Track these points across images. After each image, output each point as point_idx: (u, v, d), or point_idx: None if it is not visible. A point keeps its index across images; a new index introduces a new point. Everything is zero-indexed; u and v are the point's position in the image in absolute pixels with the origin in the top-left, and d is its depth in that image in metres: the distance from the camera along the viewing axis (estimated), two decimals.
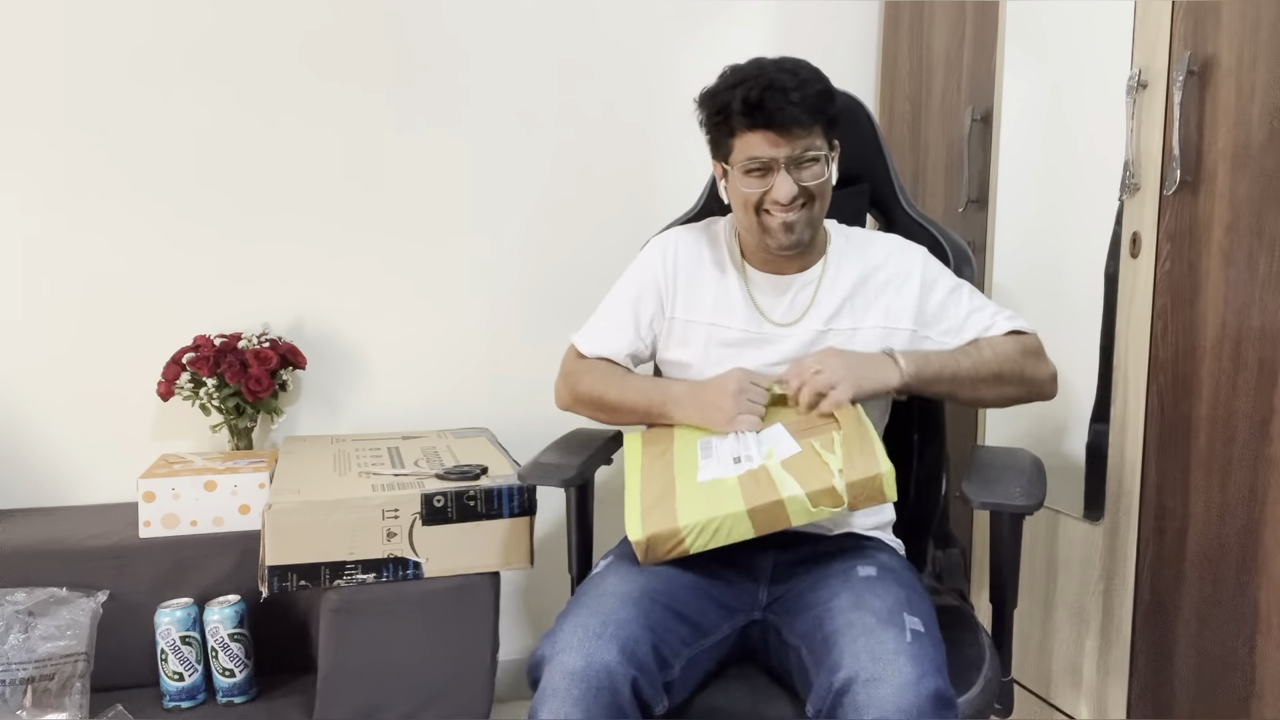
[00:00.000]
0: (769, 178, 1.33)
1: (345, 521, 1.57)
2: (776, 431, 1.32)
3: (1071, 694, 1.73)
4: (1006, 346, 1.41)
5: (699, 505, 1.25)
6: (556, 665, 1.13)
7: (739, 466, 1.28)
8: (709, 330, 1.45)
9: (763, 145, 1.32)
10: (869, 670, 1.08)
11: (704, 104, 1.37)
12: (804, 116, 1.30)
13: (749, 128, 1.32)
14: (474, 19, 2.12)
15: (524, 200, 2.18)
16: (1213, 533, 1.44)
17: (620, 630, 1.15)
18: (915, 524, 1.55)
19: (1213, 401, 1.44)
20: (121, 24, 1.94)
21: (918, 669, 1.08)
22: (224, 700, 1.70)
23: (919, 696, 1.06)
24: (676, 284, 1.48)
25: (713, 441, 1.34)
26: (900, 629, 1.14)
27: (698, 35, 2.23)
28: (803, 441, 1.28)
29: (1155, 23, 1.51)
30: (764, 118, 1.30)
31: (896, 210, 1.61)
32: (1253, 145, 1.37)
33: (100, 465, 2.00)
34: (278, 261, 2.06)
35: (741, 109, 1.30)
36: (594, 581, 1.28)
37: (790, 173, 1.33)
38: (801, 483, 1.23)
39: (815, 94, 1.31)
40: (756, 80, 1.29)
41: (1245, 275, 1.38)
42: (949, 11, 2.05)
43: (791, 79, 1.30)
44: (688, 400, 1.39)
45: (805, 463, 1.25)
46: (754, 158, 1.33)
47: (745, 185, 1.35)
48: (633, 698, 1.13)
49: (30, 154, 1.92)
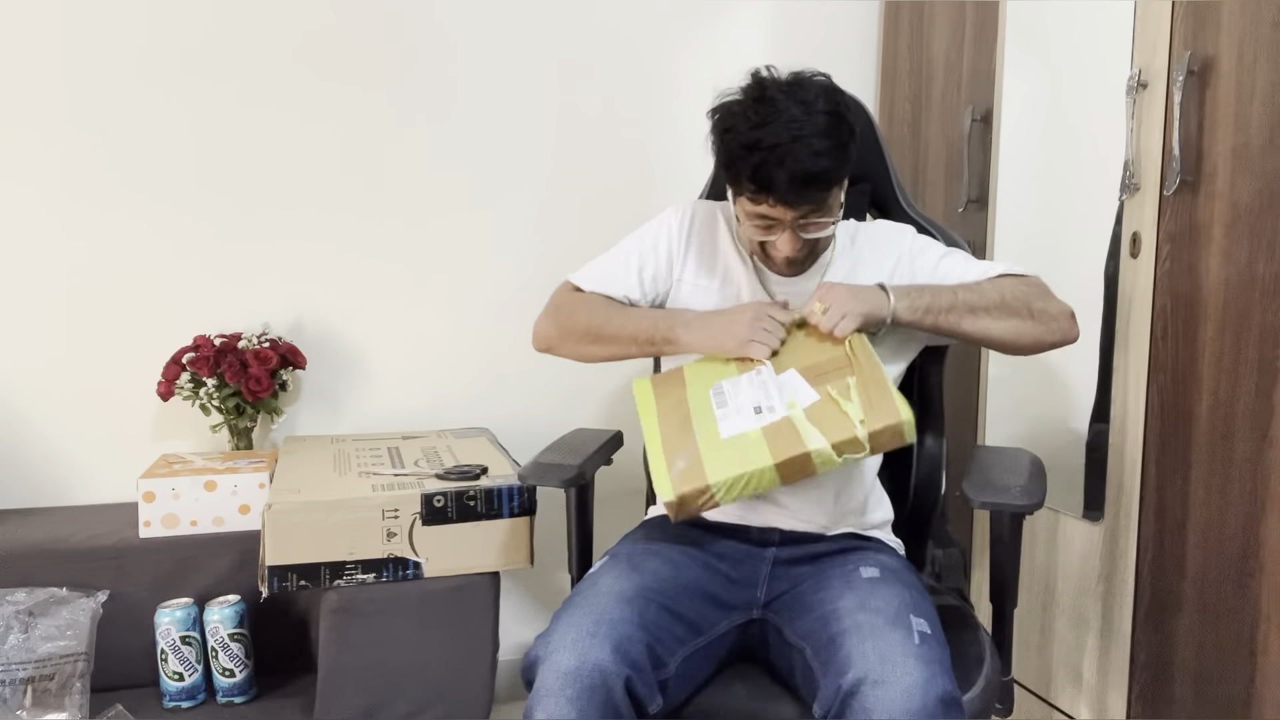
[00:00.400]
0: (774, 232, 1.32)
1: (345, 521, 1.57)
2: (792, 379, 1.30)
3: (1071, 694, 1.73)
4: (1007, 282, 1.38)
5: (727, 461, 1.24)
6: (550, 665, 1.13)
7: (760, 418, 1.27)
8: (719, 299, 1.44)
9: (769, 208, 1.29)
10: (877, 672, 1.08)
11: (714, 138, 1.30)
12: (812, 192, 1.26)
13: (755, 195, 1.28)
14: (473, 19, 2.12)
15: (524, 200, 2.18)
16: (1213, 533, 1.44)
17: (614, 630, 1.15)
18: (915, 524, 1.55)
19: (1213, 401, 1.44)
20: (121, 24, 1.94)
21: (926, 671, 1.08)
22: (224, 700, 1.70)
23: (927, 698, 1.06)
24: (689, 248, 1.47)
25: (725, 387, 1.32)
26: (908, 630, 1.14)
27: (698, 35, 2.23)
28: (820, 389, 1.28)
29: (1155, 23, 1.51)
30: (771, 192, 1.26)
31: (896, 210, 1.61)
32: (1253, 145, 1.36)
33: (100, 465, 2.00)
34: (277, 261, 2.06)
35: (749, 180, 1.25)
36: (589, 581, 1.28)
37: (796, 231, 1.31)
38: (825, 433, 1.23)
39: (825, 169, 1.24)
40: (768, 153, 1.22)
41: (1245, 275, 1.38)
42: (949, 11, 2.05)
43: (803, 150, 1.22)
44: (698, 325, 1.36)
45: (826, 411, 1.25)
46: (759, 214, 1.30)
47: (750, 232, 1.35)
48: (626, 696, 1.13)
49: (30, 154, 1.92)
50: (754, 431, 1.26)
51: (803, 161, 1.22)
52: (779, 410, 1.27)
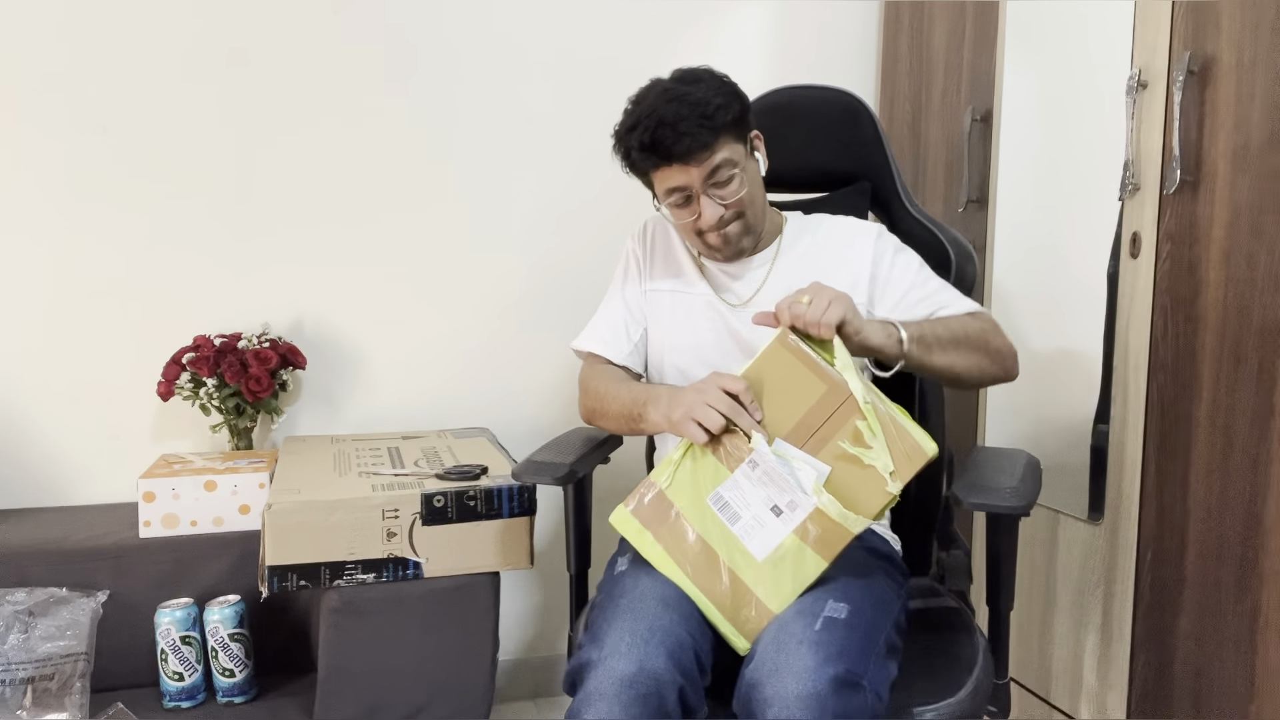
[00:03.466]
0: (693, 204, 1.37)
1: (345, 521, 1.57)
2: (791, 453, 1.20)
3: (1071, 694, 1.73)
4: (963, 319, 1.37)
5: (781, 584, 1.18)
6: (605, 670, 1.11)
7: (786, 519, 1.18)
8: (673, 298, 1.50)
9: (675, 176, 1.35)
10: (773, 662, 1.10)
11: (615, 152, 1.40)
12: (699, 143, 1.31)
13: (655, 166, 1.35)
14: (472, 20, 2.11)
15: (524, 200, 2.18)
16: (1213, 532, 1.44)
17: (667, 636, 1.14)
18: (916, 524, 1.55)
19: (1213, 401, 1.44)
20: (122, 24, 1.94)
21: (818, 656, 1.08)
22: (224, 700, 1.70)
23: (817, 682, 1.06)
24: (652, 260, 1.54)
25: (725, 496, 1.21)
26: (813, 618, 1.14)
27: (698, 35, 2.23)
28: (828, 451, 1.18)
29: (1155, 23, 1.51)
30: (665, 153, 1.32)
31: (899, 209, 1.60)
32: (1253, 145, 1.37)
33: (100, 465, 2.00)
34: (278, 262, 2.06)
35: (639, 151, 1.34)
36: (624, 583, 1.25)
37: (710, 195, 1.35)
38: (861, 506, 1.16)
39: (703, 116, 1.30)
40: (648, 120, 1.32)
41: (1245, 275, 1.38)
42: (949, 11, 2.05)
43: (680, 108, 1.30)
44: (664, 402, 1.32)
45: (850, 477, 1.17)
46: (672, 189, 1.36)
47: (676, 216, 1.40)
48: (679, 705, 1.12)
49: (31, 153, 1.92)
50: (789, 539, 1.18)
51: (681, 114, 1.30)
52: (801, 503, 1.17)
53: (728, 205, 1.36)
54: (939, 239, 1.55)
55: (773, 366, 1.22)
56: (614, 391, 1.44)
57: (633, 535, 1.25)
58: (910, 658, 1.26)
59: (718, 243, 1.40)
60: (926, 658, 1.29)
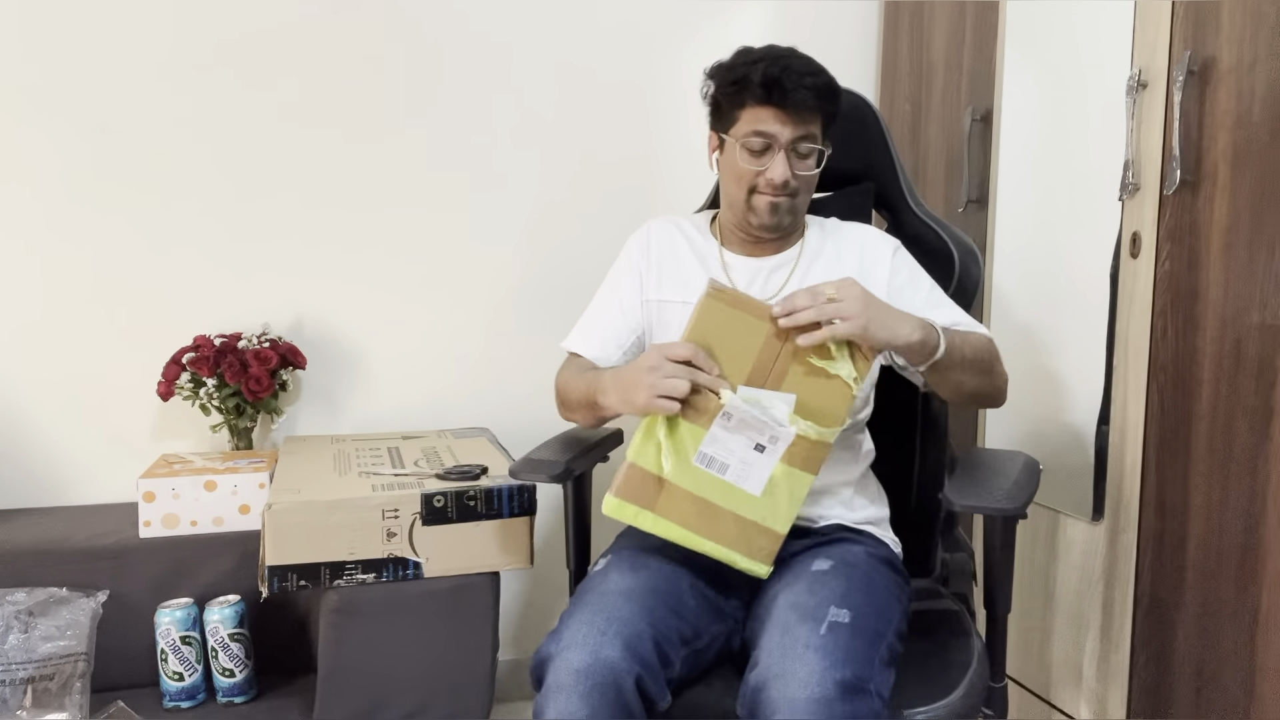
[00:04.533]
0: (765, 158, 1.35)
1: (345, 521, 1.57)
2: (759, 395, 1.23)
3: (1071, 694, 1.73)
4: (976, 337, 1.38)
5: (779, 506, 1.23)
6: (561, 662, 1.14)
7: (770, 453, 1.23)
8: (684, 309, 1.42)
9: (771, 121, 1.34)
10: (779, 666, 1.10)
11: (717, 74, 1.39)
12: (814, 101, 1.33)
13: (762, 102, 1.33)
14: (473, 17, 2.11)
15: (524, 200, 2.18)
16: (1213, 532, 1.44)
17: (624, 627, 1.16)
18: (918, 525, 1.55)
19: (1213, 401, 1.44)
20: (121, 24, 1.94)
21: (825, 661, 1.09)
22: (224, 700, 1.70)
23: (824, 688, 1.07)
24: (654, 268, 1.50)
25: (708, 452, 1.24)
26: (818, 622, 1.14)
27: (698, 35, 2.23)
28: (791, 376, 1.23)
29: (1155, 23, 1.51)
30: (779, 94, 1.32)
31: (904, 209, 1.60)
32: (1253, 145, 1.36)
33: (100, 465, 2.00)
34: (277, 261, 2.06)
35: (761, 81, 1.32)
36: (595, 580, 1.28)
37: (789, 156, 1.35)
38: (831, 418, 1.23)
39: (826, 84, 1.35)
40: (777, 60, 1.33)
41: (1245, 275, 1.38)
42: (949, 11, 2.05)
43: (808, 65, 1.34)
44: (611, 387, 1.34)
45: (819, 393, 1.23)
46: (760, 132, 1.34)
47: (743, 160, 1.37)
48: (637, 694, 1.14)
49: (30, 154, 1.93)
50: (778, 468, 1.24)
51: (810, 69, 1.34)
52: (781, 434, 1.23)
53: (795, 176, 1.36)
54: (944, 239, 1.55)
55: (711, 322, 1.25)
56: (573, 384, 1.45)
57: (630, 518, 1.25)
58: (906, 660, 1.26)
59: (764, 207, 1.38)
60: (922, 659, 1.29)
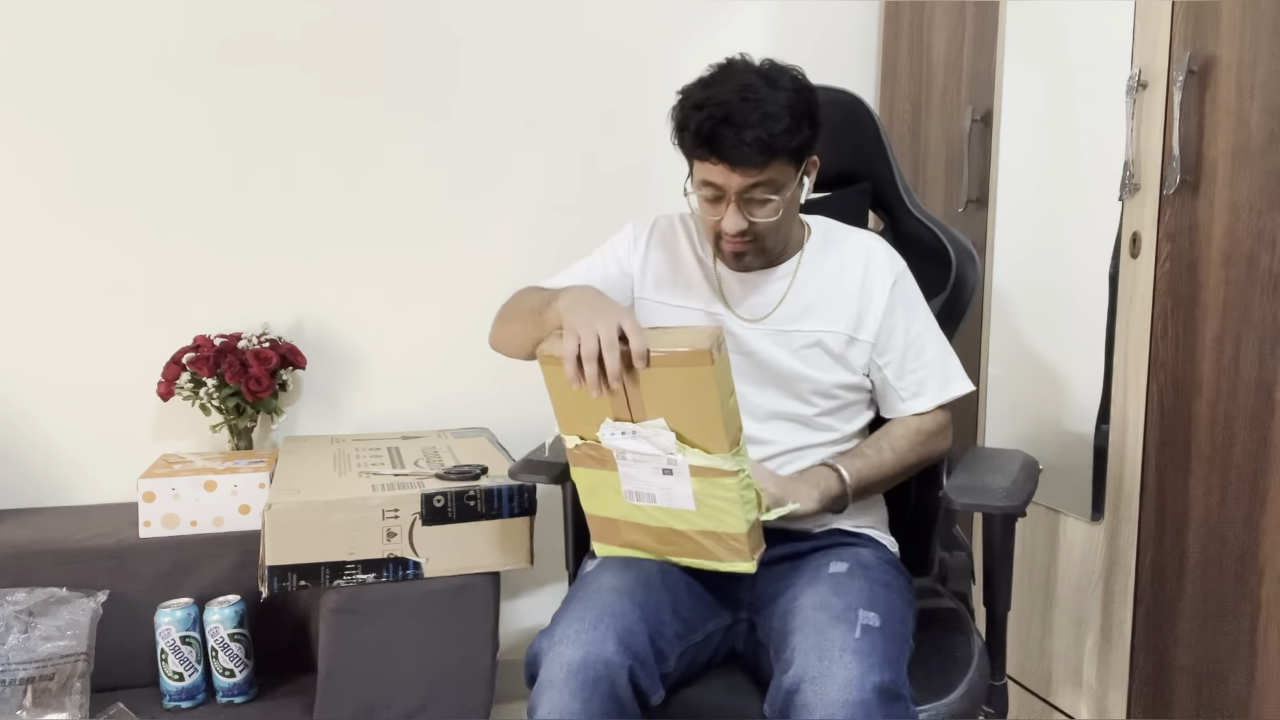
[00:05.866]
0: (720, 205, 1.29)
1: (345, 521, 1.57)
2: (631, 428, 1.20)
3: (1071, 694, 1.73)
4: (913, 438, 1.39)
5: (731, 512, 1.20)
6: (554, 658, 1.14)
7: (680, 473, 1.21)
8: (678, 313, 1.43)
9: (716, 174, 1.27)
10: (815, 669, 1.09)
11: (672, 114, 1.30)
12: (756, 157, 1.23)
13: (702, 157, 1.27)
14: (471, 20, 2.11)
15: (523, 200, 2.18)
16: (1213, 532, 1.44)
17: (616, 622, 1.16)
18: (917, 525, 1.54)
19: (1213, 401, 1.44)
20: (122, 25, 1.94)
21: (862, 665, 1.09)
22: (224, 700, 1.70)
23: (863, 692, 1.06)
24: (646, 264, 1.46)
25: (628, 489, 1.26)
26: (851, 625, 1.14)
27: (697, 35, 2.23)
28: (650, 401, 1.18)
29: (1155, 23, 1.51)
30: (718, 148, 1.24)
31: (901, 210, 1.60)
32: (1253, 145, 1.36)
33: (100, 465, 2.00)
34: (278, 262, 2.06)
35: (694, 138, 1.25)
36: (588, 577, 1.28)
37: (740, 207, 1.28)
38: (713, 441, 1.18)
39: (771, 134, 1.22)
40: (716, 109, 1.22)
41: (1245, 275, 1.38)
42: (949, 11, 2.05)
43: (752, 113, 1.22)
44: (576, 295, 1.26)
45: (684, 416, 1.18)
46: (706, 182, 1.28)
47: (702, 209, 1.33)
48: (630, 688, 1.14)
49: (31, 154, 1.92)
50: (695, 484, 1.20)
51: (750, 121, 1.21)
52: (677, 460, 1.19)
53: (753, 224, 1.30)
54: (941, 240, 1.55)
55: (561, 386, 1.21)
56: (531, 294, 1.41)
57: (618, 553, 1.32)
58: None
59: (729, 254, 1.35)
60: (923, 658, 1.29)
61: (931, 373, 1.40)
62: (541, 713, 1.12)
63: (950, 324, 1.53)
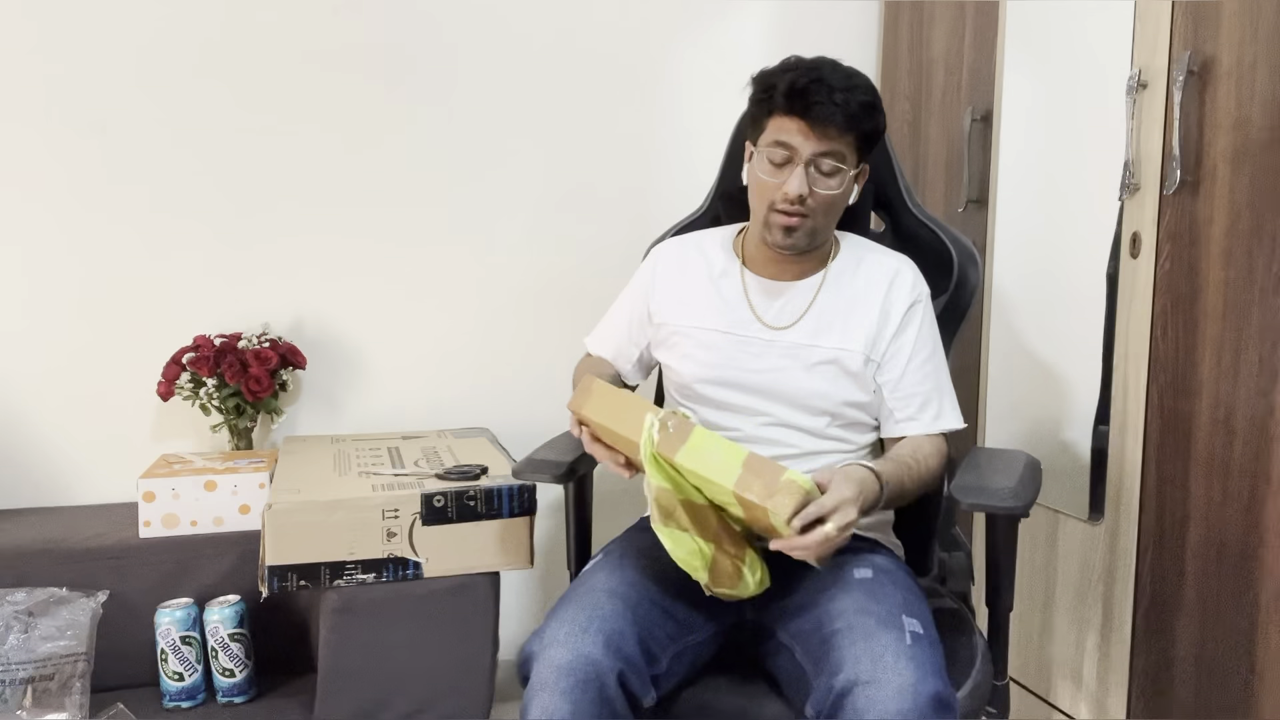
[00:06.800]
0: (785, 170, 1.31)
1: (345, 521, 1.57)
2: None
3: (1071, 694, 1.73)
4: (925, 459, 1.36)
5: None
6: (544, 660, 1.15)
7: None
8: (697, 335, 1.43)
9: (792, 132, 1.30)
10: (869, 673, 1.09)
11: (754, 80, 1.36)
12: (839, 119, 1.28)
13: (785, 111, 1.30)
14: (471, 20, 2.11)
15: (523, 201, 2.18)
16: (1213, 532, 1.44)
17: (605, 624, 1.16)
18: (917, 525, 1.54)
19: (1213, 401, 1.44)
20: (121, 25, 1.94)
21: (918, 672, 1.09)
22: (224, 700, 1.70)
23: (918, 699, 1.06)
24: (664, 292, 1.48)
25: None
26: (900, 631, 1.14)
27: (697, 35, 2.23)
28: None
29: (1155, 23, 1.51)
30: (801, 105, 1.28)
31: (902, 210, 1.60)
32: (1253, 145, 1.36)
33: (100, 465, 2.00)
34: (278, 262, 2.06)
35: (785, 90, 1.29)
36: (582, 579, 1.29)
37: (808, 172, 1.30)
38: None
39: (859, 103, 1.29)
40: (809, 71, 1.29)
41: (1245, 275, 1.38)
42: (949, 11, 2.05)
43: (842, 81, 1.29)
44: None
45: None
46: (780, 142, 1.31)
47: (764, 172, 1.34)
48: (620, 690, 1.14)
49: (30, 154, 1.92)
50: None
51: (841, 84, 1.28)
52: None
53: (813, 194, 1.31)
54: (942, 241, 1.55)
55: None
56: (578, 375, 1.52)
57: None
58: None
59: (779, 226, 1.34)
60: None
61: (928, 400, 1.40)
62: (533, 714, 1.13)
63: (951, 324, 1.53)
